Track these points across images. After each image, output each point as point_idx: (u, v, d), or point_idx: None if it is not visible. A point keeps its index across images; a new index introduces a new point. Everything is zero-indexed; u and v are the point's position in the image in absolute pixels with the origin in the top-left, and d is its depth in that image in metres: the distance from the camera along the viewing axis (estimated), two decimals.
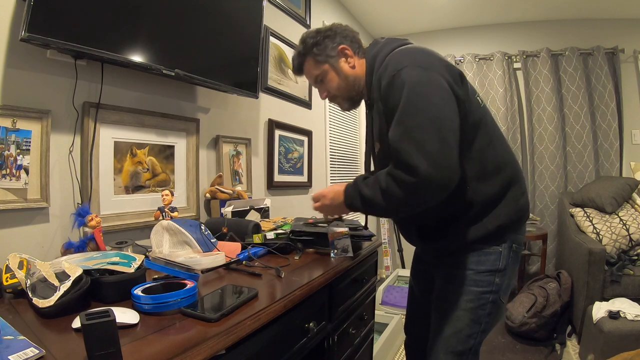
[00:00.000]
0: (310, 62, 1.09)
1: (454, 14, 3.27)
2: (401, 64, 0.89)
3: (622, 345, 1.85)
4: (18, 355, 0.51)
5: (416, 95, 0.84)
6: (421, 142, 0.81)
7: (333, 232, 1.19)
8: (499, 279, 0.99)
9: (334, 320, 1.09)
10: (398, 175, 0.84)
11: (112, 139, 1.21)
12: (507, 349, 2.28)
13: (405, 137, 0.83)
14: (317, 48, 1.06)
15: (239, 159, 1.80)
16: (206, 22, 1.41)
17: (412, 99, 0.84)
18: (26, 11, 0.88)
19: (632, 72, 3.14)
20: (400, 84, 0.86)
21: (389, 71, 0.90)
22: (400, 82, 0.86)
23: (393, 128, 0.86)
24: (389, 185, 0.86)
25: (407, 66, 0.88)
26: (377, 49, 1.02)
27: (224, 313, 0.67)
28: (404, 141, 0.83)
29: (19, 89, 0.98)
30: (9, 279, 0.76)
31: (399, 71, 0.87)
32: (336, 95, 1.10)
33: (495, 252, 0.98)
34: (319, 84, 1.11)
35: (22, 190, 0.99)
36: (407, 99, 0.84)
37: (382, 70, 0.94)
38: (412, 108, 0.84)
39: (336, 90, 1.08)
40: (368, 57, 1.03)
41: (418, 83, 0.85)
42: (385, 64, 0.94)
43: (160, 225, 1.05)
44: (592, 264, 2.22)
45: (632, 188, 2.69)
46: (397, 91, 0.86)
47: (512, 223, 1.00)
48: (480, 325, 0.99)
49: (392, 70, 0.89)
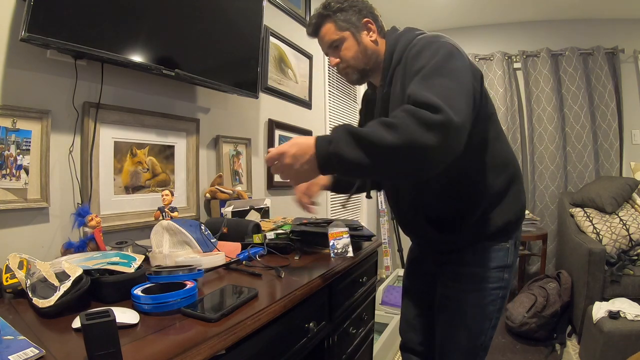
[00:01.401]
0: (330, 26, 1.04)
1: (454, 14, 3.28)
2: (435, 37, 0.90)
3: (622, 345, 1.85)
4: (18, 355, 0.51)
5: (448, 62, 0.82)
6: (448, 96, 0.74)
7: (333, 232, 1.19)
8: (508, 274, 1.02)
9: (334, 320, 1.09)
10: (420, 112, 0.72)
11: (112, 139, 1.21)
12: (507, 349, 2.28)
13: (431, 88, 0.76)
14: (342, 14, 1.02)
15: (239, 159, 1.80)
16: (206, 22, 1.41)
17: (445, 64, 0.81)
18: (26, 11, 0.88)
19: (632, 72, 3.14)
20: (435, 49, 0.85)
21: (422, 41, 0.89)
22: (435, 48, 0.85)
23: (418, 81, 0.79)
24: (400, 119, 0.73)
25: (444, 42, 0.88)
26: (399, 33, 1.02)
27: (224, 313, 0.67)
28: (428, 89, 0.76)
29: (19, 89, 0.98)
30: (9, 279, 0.76)
31: (430, 42, 0.88)
32: (349, 65, 1.04)
33: (504, 249, 1.01)
34: (332, 50, 1.06)
35: (22, 190, 0.99)
36: (441, 62, 0.81)
37: (413, 45, 0.92)
38: (443, 70, 0.80)
39: (351, 59, 1.03)
40: (390, 39, 1.02)
41: (453, 55, 0.84)
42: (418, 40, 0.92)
43: (160, 225, 1.05)
44: (592, 264, 2.22)
45: (632, 188, 2.69)
46: (430, 54, 0.84)
47: (517, 219, 1.02)
48: (490, 321, 1.01)
49: (427, 41, 0.89)
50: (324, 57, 2.64)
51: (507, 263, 1.01)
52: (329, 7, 1.03)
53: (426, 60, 0.84)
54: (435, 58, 0.83)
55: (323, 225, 1.29)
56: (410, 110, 0.73)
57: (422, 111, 0.72)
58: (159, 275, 0.76)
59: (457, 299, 1.02)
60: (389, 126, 0.72)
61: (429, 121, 0.71)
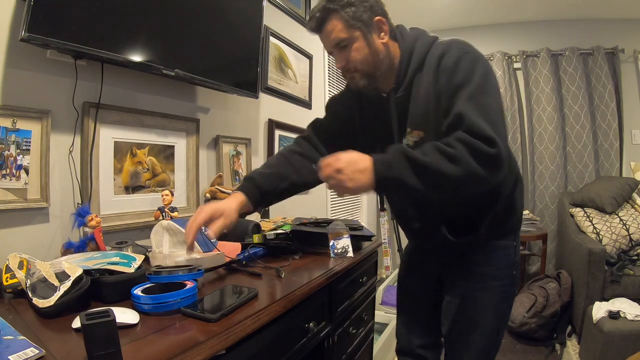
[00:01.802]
0: (337, 22, 0.91)
1: (454, 14, 3.28)
2: (468, 48, 0.88)
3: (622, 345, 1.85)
4: (18, 355, 0.51)
5: (488, 79, 0.85)
6: (494, 122, 0.79)
7: (333, 232, 1.19)
8: (516, 271, 1.04)
9: (334, 320, 1.09)
10: (476, 144, 0.76)
11: (112, 139, 1.21)
12: (507, 349, 2.28)
13: (481, 114, 0.79)
14: (351, 9, 0.89)
15: (239, 159, 1.80)
16: (206, 22, 1.41)
17: (486, 82, 0.84)
18: (26, 11, 0.88)
19: (632, 72, 3.14)
20: (470, 67, 0.85)
21: (455, 51, 0.87)
22: (469, 64, 0.85)
23: (464, 102, 0.81)
24: (459, 150, 0.76)
25: (475, 52, 0.88)
26: (413, 34, 0.96)
27: (224, 313, 0.67)
28: (479, 116, 0.79)
29: (19, 89, 0.98)
30: (9, 279, 0.76)
31: (465, 53, 0.87)
32: (357, 69, 0.94)
33: (511, 247, 1.02)
34: (339, 50, 0.94)
35: (22, 190, 0.99)
36: (480, 80, 0.84)
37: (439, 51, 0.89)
38: (486, 89, 0.84)
39: (360, 63, 0.93)
40: (405, 40, 0.95)
41: (489, 70, 0.87)
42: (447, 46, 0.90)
43: (160, 225, 1.05)
44: (592, 264, 2.22)
45: (632, 188, 2.69)
46: (465, 72, 0.84)
47: (521, 217, 1.05)
48: (502, 319, 1.03)
49: (458, 50, 0.87)
50: (324, 57, 2.64)
51: (515, 260, 1.03)
52: (335, 1, 0.90)
53: (467, 76, 0.84)
54: (476, 74, 0.84)
55: (323, 225, 1.29)
56: (469, 143, 0.76)
57: (479, 145, 0.76)
58: (159, 275, 0.76)
59: (470, 299, 1.02)
60: (449, 158, 0.76)
61: (486, 156, 0.76)
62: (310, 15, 0.96)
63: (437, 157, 0.77)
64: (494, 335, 1.02)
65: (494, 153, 0.76)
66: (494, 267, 1.01)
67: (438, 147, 0.78)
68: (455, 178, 0.77)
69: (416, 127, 0.94)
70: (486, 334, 1.01)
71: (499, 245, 1.01)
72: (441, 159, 0.77)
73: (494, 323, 1.01)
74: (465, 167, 0.76)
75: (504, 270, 1.02)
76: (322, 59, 2.63)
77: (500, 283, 1.01)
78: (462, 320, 1.03)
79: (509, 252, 1.02)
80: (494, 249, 1.01)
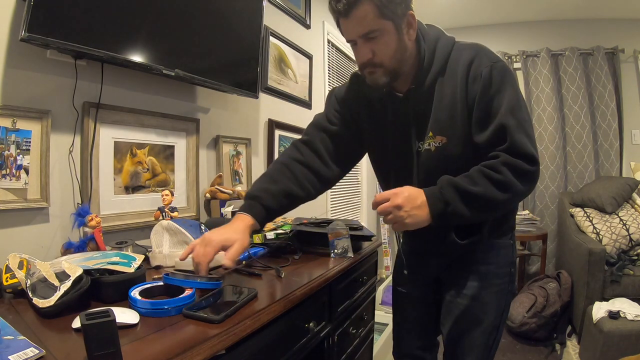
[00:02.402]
0: (371, 9, 0.81)
1: (454, 14, 3.28)
2: (496, 57, 0.90)
3: (622, 345, 1.85)
4: (18, 355, 0.51)
5: (519, 92, 0.89)
6: (531, 136, 0.86)
7: (333, 232, 1.19)
8: (514, 269, 1.06)
9: (334, 320, 1.09)
10: (519, 165, 0.82)
11: (112, 139, 1.21)
12: (507, 349, 2.28)
13: (522, 129, 0.84)
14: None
15: (239, 159, 1.80)
16: (206, 22, 1.41)
17: (518, 95, 0.88)
18: (26, 11, 0.88)
19: (632, 72, 3.14)
20: (502, 77, 0.87)
21: (486, 60, 0.88)
22: (501, 74, 0.87)
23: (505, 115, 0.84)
24: (507, 175, 0.81)
25: (502, 61, 0.89)
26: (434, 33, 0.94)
27: (228, 314, 0.67)
28: (521, 133, 0.83)
29: (19, 89, 0.98)
30: (9, 279, 0.76)
31: (495, 63, 0.88)
32: (382, 64, 0.87)
33: (508, 245, 1.04)
34: (365, 41, 0.85)
35: (22, 190, 0.99)
36: (515, 94, 0.87)
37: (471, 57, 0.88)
38: (520, 102, 0.87)
39: (388, 58, 0.86)
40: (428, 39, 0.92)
41: (516, 81, 0.90)
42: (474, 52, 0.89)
43: (160, 225, 1.05)
44: (592, 264, 2.22)
45: (632, 188, 2.69)
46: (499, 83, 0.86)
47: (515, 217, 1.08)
48: (502, 316, 1.04)
49: (488, 60, 0.88)
50: (324, 57, 2.63)
51: (513, 259, 1.05)
52: None
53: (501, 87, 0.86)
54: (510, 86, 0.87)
55: (323, 225, 1.29)
56: (514, 166, 0.82)
57: (523, 166, 0.82)
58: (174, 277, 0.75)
59: (471, 297, 1.03)
60: (499, 186, 0.82)
61: (529, 175, 0.83)
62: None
63: (487, 186, 0.82)
64: (495, 333, 1.04)
65: (534, 171, 0.83)
66: (494, 265, 1.02)
67: (486, 173, 0.83)
68: (504, 202, 0.84)
69: (440, 132, 0.91)
70: (488, 331, 1.03)
71: (499, 244, 1.03)
72: (490, 186, 0.82)
73: (495, 320, 1.03)
74: (514, 191, 0.83)
75: (504, 268, 1.03)
76: (322, 59, 2.63)
77: (500, 281, 1.03)
78: (464, 319, 1.04)
79: (507, 250, 1.04)
80: (494, 247, 1.02)
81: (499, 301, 1.03)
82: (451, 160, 0.91)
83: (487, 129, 0.86)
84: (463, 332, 1.04)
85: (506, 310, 1.06)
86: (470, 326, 1.03)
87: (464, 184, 0.82)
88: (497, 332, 1.04)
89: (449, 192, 0.83)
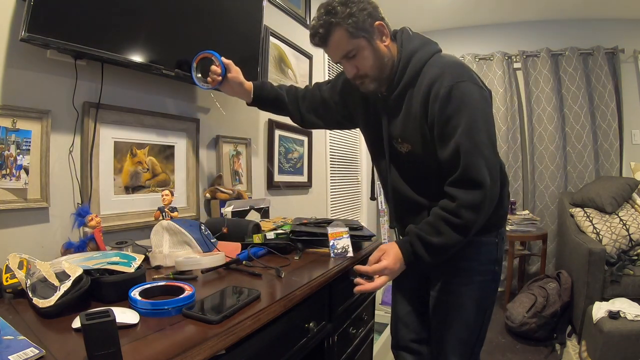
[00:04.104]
0: (341, 34, 0.94)
1: (454, 14, 3.27)
2: (460, 77, 0.91)
3: (622, 345, 1.85)
4: (18, 355, 0.51)
5: (479, 112, 0.91)
6: (487, 158, 0.90)
7: (333, 232, 1.19)
8: (498, 267, 1.08)
9: (334, 320, 1.09)
10: (474, 202, 0.89)
11: (112, 139, 1.21)
12: (507, 349, 2.28)
13: (477, 151, 0.89)
14: (352, 19, 0.92)
15: (239, 159, 1.80)
16: (206, 22, 1.41)
17: (477, 116, 0.90)
18: (26, 11, 0.88)
19: (632, 72, 3.14)
20: (461, 97, 0.90)
21: (448, 80, 0.91)
22: (460, 94, 0.90)
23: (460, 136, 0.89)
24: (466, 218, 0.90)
25: (466, 81, 0.91)
26: (413, 45, 0.99)
27: (226, 315, 0.67)
28: (475, 155, 0.89)
29: (19, 89, 0.98)
30: (9, 279, 0.76)
31: (458, 83, 0.90)
32: (367, 75, 0.99)
33: (492, 243, 1.07)
34: (348, 60, 0.98)
35: (22, 190, 0.99)
36: (473, 114, 0.90)
37: (433, 75, 0.94)
38: (477, 124, 0.90)
39: (370, 69, 0.98)
40: (405, 51, 0.99)
41: (479, 101, 0.92)
42: (435, 70, 0.94)
43: (160, 225, 1.05)
44: (592, 264, 2.22)
45: (632, 188, 2.69)
46: (458, 103, 0.90)
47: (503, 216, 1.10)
48: (485, 314, 1.07)
49: (450, 80, 0.91)
50: (324, 57, 2.64)
51: (497, 257, 1.07)
52: (335, 14, 0.92)
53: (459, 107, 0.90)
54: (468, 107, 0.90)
55: (323, 225, 1.29)
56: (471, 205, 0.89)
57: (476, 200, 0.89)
58: None
59: (454, 293, 1.06)
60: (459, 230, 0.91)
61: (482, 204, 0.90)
62: (313, 32, 0.97)
63: (449, 233, 0.91)
64: (478, 330, 1.06)
65: (481, 197, 0.89)
66: (476, 262, 1.05)
67: (447, 220, 0.91)
68: (464, 239, 0.93)
69: (406, 140, 1.02)
70: (470, 328, 1.06)
71: (482, 241, 1.05)
72: (452, 233, 0.91)
73: (478, 318, 1.06)
74: (472, 227, 0.91)
75: (487, 266, 1.06)
76: (322, 59, 2.63)
77: (482, 278, 1.06)
78: (446, 315, 1.07)
79: (491, 248, 1.06)
80: (476, 244, 1.04)
81: (481, 298, 1.05)
82: (418, 163, 1.03)
83: (446, 147, 0.92)
84: (445, 327, 1.07)
85: (490, 308, 1.08)
86: (452, 322, 1.06)
87: (428, 239, 0.93)
88: (481, 330, 1.07)
89: (416, 247, 0.95)
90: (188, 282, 0.81)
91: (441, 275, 1.08)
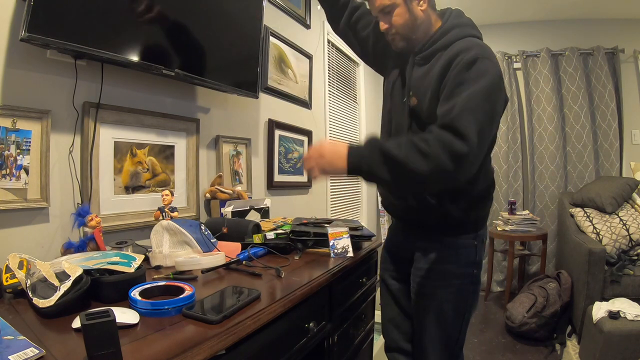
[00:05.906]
0: None
1: None
2: (488, 55, 0.94)
3: (622, 345, 1.85)
4: (18, 355, 0.51)
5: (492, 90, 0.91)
6: (481, 125, 0.86)
7: (333, 232, 1.19)
8: (477, 270, 1.08)
9: (334, 320, 1.09)
10: (449, 140, 0.84)
11: (112, 139, 1.21)
12: (507, 349, 2.29)
13: (473, 112, 0.86)
14: None
15: (239, 159, 1.80)
16: (206, 22, 1.41)
17: (489, 91, 0.90)
18: (26, 11, 0.88)
19: (632, 72, 3.14)
20: (481, 71, 0.90)
21: (474, 52, 0.93)
22: (483, 68, 0.91)
23: (463, 98, 0.88)
24: (433, 148, 0.84)
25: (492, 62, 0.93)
26: (458, 21, 1.05)
27: (226, 315, 0.67)
28: (470, 114, 0.86)
29: (19, 89, 0.98)
30: (9, 279, 0.76)
31: (484, 59, 0.92)
32: (398, 32, 1.05)
33: (471, 246, 1.07)
34: (383, 15, 1.05)
35: (22, 190, 0.99)
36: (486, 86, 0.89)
37: (463, 46, 0.96)
38: (485, 96, 0.89)
39: (401, 27, 1.04)
40: (448, 24, 1.04)
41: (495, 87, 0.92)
42: (469, 44, 0.96)
43: (160, 225, 1.05)
44: (592, 264, 2.22)
45: (632, 188, 2.69)
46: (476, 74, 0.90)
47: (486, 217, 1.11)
48: (463, 317, 1.07)
49: (479, 53, 0.93)
50: (324, 57, 2.64)
51: (475, 260, 1.07)
52: None
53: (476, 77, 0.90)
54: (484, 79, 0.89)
55: (323, 225, 1.29)
56: (443, 140, 0.84)
57: (452, 141, 0.83)
58: None
59: (431, 296, 1.07)
60: (422, 154, 0.84)
61: (457, 152, 0.83)
62: None
63: (412, 153, 0.85)
64: (456, 333, 1.07)
65: (466, 152, 0.83)
66: (454, 265, 1.06)
67: (414, 141, 0.86)
68: (422, 172, 0.85)
69: (415, 94, 1.04)
70: (447, 330, 1.06)
71: (459, 243, 1.06)
72: (413, 154, 0.84)
73: (456, 320, 1.06)
74: (434, 163, 0.84)
75: (465, 269, 1.06)
76: (322, 59, 2.63)
77: (460, 281, 1.06)
78: (424, 317, 1.08)
79: (469, 250, 1.07)
80: (454, 247, 1.05)
81: (459, 301, 1.06)
82: (420, 121, 1.03)
83: (446, 104, 0.91)
84: (424, 329, 1.09)
85: (468, 311, 1.08)
86: (429, 324, 1.07)
87: (386, 146, 0.87)
88: (460, 333, 1.08)
89: (369, 149, 0.89)
90: (188, 282, 0.81)
91: (418, 277, 1.10)
